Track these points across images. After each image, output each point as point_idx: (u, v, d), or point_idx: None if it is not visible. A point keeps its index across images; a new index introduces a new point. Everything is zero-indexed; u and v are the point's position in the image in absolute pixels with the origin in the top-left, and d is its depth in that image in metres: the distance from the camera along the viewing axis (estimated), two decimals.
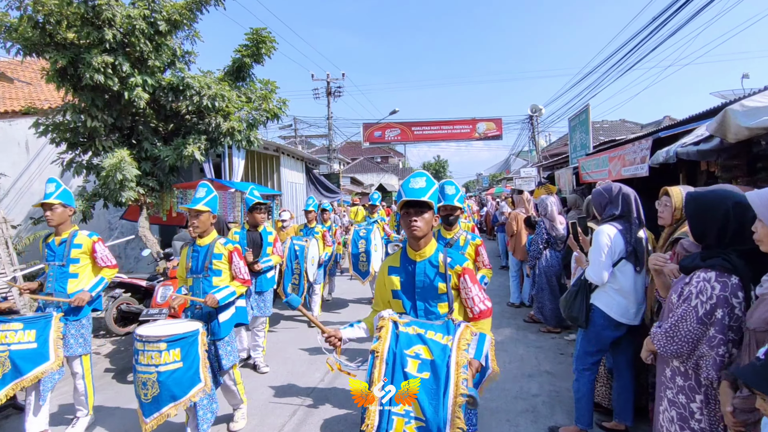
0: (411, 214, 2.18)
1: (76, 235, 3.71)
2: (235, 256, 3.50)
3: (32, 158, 10.25)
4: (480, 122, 21.25)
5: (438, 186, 2.90)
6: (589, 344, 3.08)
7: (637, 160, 5.05)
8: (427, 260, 2.27)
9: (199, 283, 3.42)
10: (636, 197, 3.05)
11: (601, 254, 2.95)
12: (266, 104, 8.15)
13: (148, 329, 2.94)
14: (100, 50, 6.35)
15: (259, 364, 4.90)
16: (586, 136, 10.28)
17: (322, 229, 6.82)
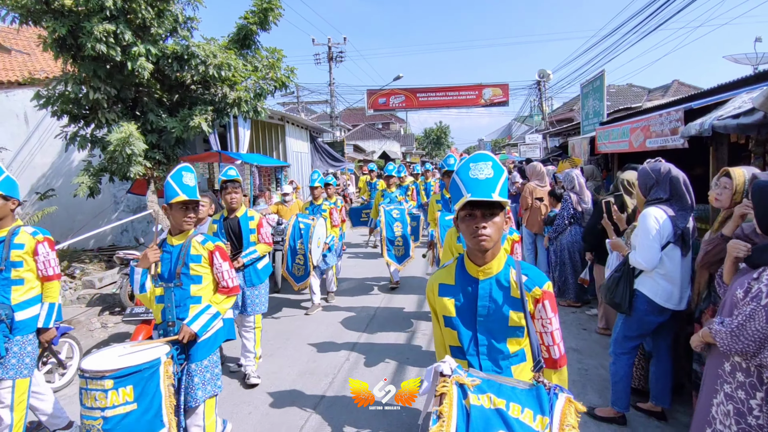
0: (477, 218, 1.53)
1: (17, 233, 2.95)
2: (216, 256, 2.75)
3: (32, 130, 9.98)
4: (486, 88, 20.74)
5: None
6: (630, 329, 3.01)
7: (666, 132, 4.87)
8: (494, 278, 1.64)
9: (170, 295, 2.66)
10: (686, 180, 2.89)
11: (649, 238, 2.82)
12: (273, 73, 7.88)
13: (97, 361, 2.23)
14: (100, 18, 6.03)
15: (249, 374, 3.99)
16: (600, 104, 10.01)
17: (330, 207, 6.21)
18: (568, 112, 20.95)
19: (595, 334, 4.73)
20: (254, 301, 4.11)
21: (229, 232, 4.09)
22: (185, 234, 2.74)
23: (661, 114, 5.22)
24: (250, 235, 4.09)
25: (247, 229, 4.09)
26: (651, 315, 2.91)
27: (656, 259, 2.82)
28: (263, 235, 4.16)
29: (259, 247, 4.12)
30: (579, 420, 1.42)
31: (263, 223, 4.16)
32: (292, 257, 5.54)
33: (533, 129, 23.91)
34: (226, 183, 3.99)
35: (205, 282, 2.75)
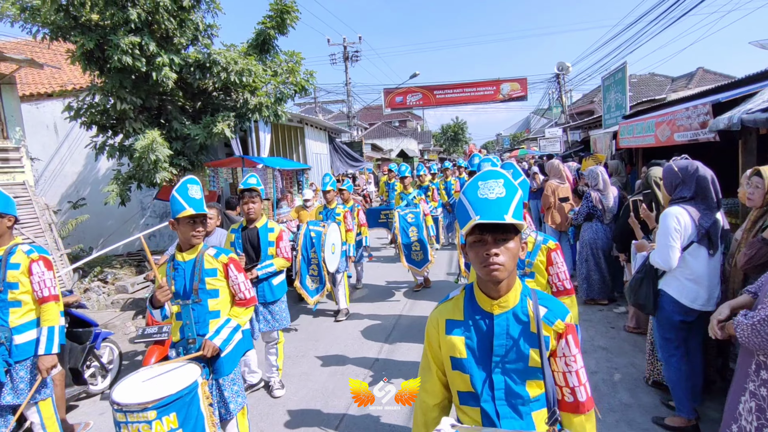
0: (487, 244, 1.33)
1: (14, 252, 2.84)
2: (231, 269, 2.71)
3: (62, 141, 10.33)
4: (504, 83, 20.51)
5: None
6: (664, 330, 2.97)
7: (695, 125, 4.77)
8: (511, 312, 1.42)
9: (188, 312, 2.63)
10: (713, 179, 2.83)
11: (668, 238, 2.79)
12: (293, 77, 7.97)
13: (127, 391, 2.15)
14: (125, 31, 6.21)
15: (273, 385, 3.97)
16: (622, 96, 9.82)
17: (344, 210, 5.91)
18: (588, 104, 20.57)
19: (623, 332, 4.68)
20: (273, 317, 3.93)
21: (247, 243, 3.87)
22: (196, 248, 2.66)
23: (687, 108, 5.12)
24: (268, 248, 3.85)
25: (266, 241, 3.85)
26: (677, 315, 2.86)
27: (674, 260, 2.78)
28: (282, 249, 3.89)
29: (277, 261, 3.85)
30: None
31: (283, 237, 3.91)
32: (307, 268, 5.20)
33: (553, 122, 23.57)
34: (243, 192, 3.84)
35: (222, 295, 2.70)
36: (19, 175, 6.81)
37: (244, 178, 3.90)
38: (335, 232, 5.49)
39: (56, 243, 6.72)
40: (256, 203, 3.84)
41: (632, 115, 8.48)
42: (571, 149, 14.19)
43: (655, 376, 3.52)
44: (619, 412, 3.28)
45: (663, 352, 3.01)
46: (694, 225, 2.78)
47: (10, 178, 6.69)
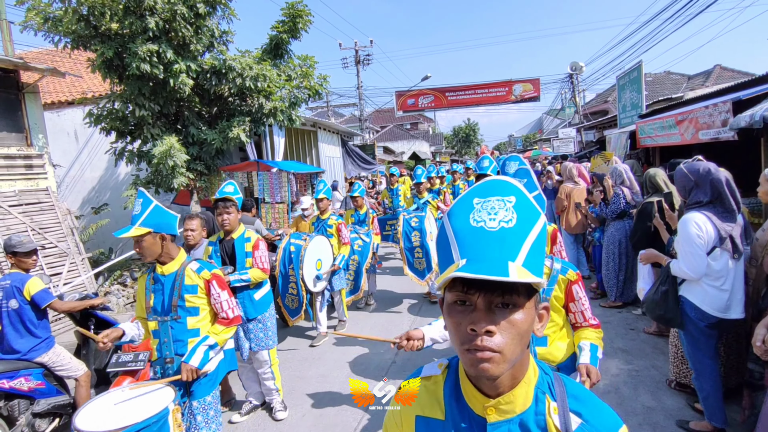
0: (476, 311, 0.79)
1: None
2: (214, 286, 2.56)
3: (82, 147, 10.55)
4: (516, 84, 20.44)
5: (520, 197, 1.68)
6: (692, 338, 2.87)
7: (717, 123, 4.70)
8: (518, 421, 0.86)
9: (167, 329, 2.50)
10: (728, 181, 2.74)
11: (692, 246, 2.69)
12: (307, 82, 8.04)
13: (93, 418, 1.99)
14: (143, 39, 6.34)
15: (275, 407, 3.69)
16: (638, 96, 9.73)
17: (338, 222, 5.23)
18: (602, 104, 20.38)
19: (643, 334, 4.62)
20: (258, 336, 3.59)
21: (224, 255, 3.60)
22: (177, 261, 2.54)
23: (707, 106, 5.06)
24: (245, 259, 3.57)
25: (243, 252, 3.57)
26: (702, 321, 2.79)
27: (703, 267, 2.68)
28: (258, 259, 3.57)
29: (253, 272, 3.50)
30: None
31: (260, 246, 3.60)
32: (284, 286, 4.81)
33: (566, 122, 23.39)
34: (217, 202, 3.53)
35: (203, 313, 2.57)
36: (42, 181, 6.98)
37: (222, 186, 3.61)
38: (320, 246, 4.94)
39: (78, 247, 6.86)
40: (231, 213, 3.53)
41: (648, 114, 8.39)
42: (586, 149, 14.07)
43: (681, 379, 3.46)
44: (641, 415, 3.24)
45: (694, 362, 2.90)
46: (716, 230, 2.69)
47: (34, 184, 6.86)
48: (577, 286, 1.97)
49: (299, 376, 4.34)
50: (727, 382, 3.25)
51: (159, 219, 2.46)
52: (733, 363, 3.29)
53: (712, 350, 2.83)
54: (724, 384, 3.21)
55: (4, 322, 3.29)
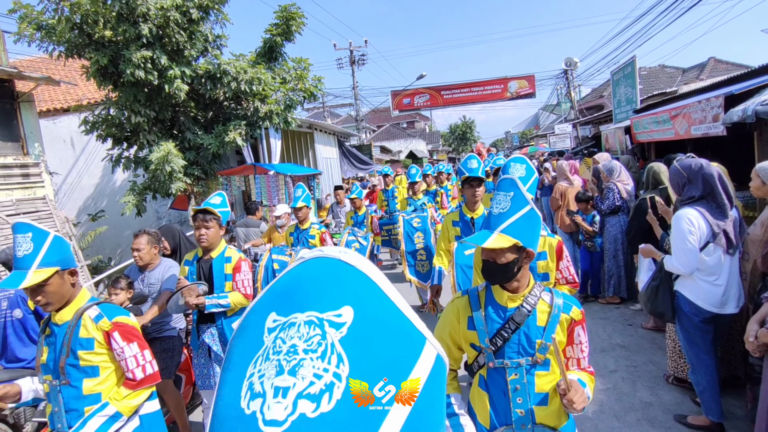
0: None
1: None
2: (116, 339, 2.01)
3: (78, 154, 10.55)
4: (512, 81, 20.44)
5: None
6: (688, 333, 2.89)
7: (708, 119, 4.73)
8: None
9: (55, 394, 2.00)
10: (721, 175, 2.77)
11: (684, 241, 2.71)
12: (302, 84, 8.06)
13: None
14: (137, 45, 6.35)
15: None
16: (633, 91, 9.73)
17: (320, 231, 4.75)
18: (597, 99, 20.39)
19: (641, 330, 4.65)
20: None
21: (201, 277, 3.15)
22: (74, 305, 2.03)
23: (700, 101, 5.08)
24: (224, 283, 3.11)
25: (221, 275, 3.11)
26: (697, 316, 2.82)
27: (694, 263, 2.71)
28: (240, 282, 3.10)
29: (234, 296, 3.04)
30: None
31: (242, 267, 3.14)
32: None
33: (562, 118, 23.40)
34: (196, 214, 3.10)
35: (105, 373, 2.04)
36: (39, 189, 6.98)
37: (210, 197, 3.25)
38: None
39: (77, 255, 6.86)
40: (210, 228, 3.05)
41: (643, 109, 8.41)
42: (582, 145, 14.10)
43: (678, 373, 3.49)
44: (640, 410, 3.27)
45: (690, 357, 2.92)
46: (708, 225, 2.72)
47: (31, 193, 6.86)
48: (580, 327, 1.67)
49: None
50: (720, 374, 3.29)
51: (62, 252, 1.98)
52: (726, 355, 3.32)
53: (708, 345, 2.85)
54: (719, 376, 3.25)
55: (9, 331, 3.32)
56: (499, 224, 1.48)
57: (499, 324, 1.60)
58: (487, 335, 1.61)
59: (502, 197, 1.51)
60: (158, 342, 3.36)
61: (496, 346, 1.60)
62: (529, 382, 1.60)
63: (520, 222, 1.47)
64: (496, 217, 1.50)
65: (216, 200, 3.19)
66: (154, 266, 3.45)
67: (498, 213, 1.50)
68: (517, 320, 1.58)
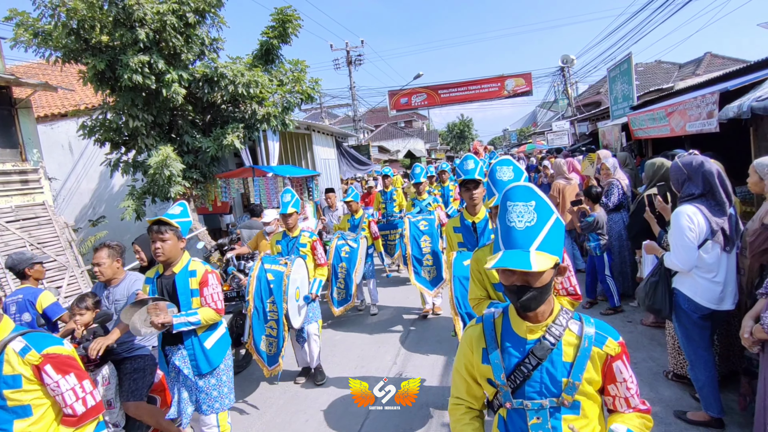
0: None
1: None
2: (48, 372, 1.80)
3: (77, 159, 10.56)
4: (509, 79, 20.48)
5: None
6: (686, 330, 2.92)
7: (703, 115, 4.75)
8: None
9: None
10: (720, 173, 2.80)
11: (683, 238, 2.74)
12: (299, 86, 8.07)
13: None
14: (134, 50, 6.36)
15: None
16: (629, 87, 9.77)
17: (311, 239, 4.40)
18: (594, 96, 20.45)
19: (640, 326, 4.67)
20: (210, 395, 2.90)
21: (163, 295, 2.87)
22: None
23: (695, 97, 5.10)
24: (190, 299, 2.84)
25: (186, 291, 2.84)
26: (695, 312, 2.84)
27: (693, 260, 2.73)
28: (209, 297, 2.86)
29: (204, 312, 2.80)
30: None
31: (209, 280, 2.87)
32: (261, 326, 3.80)
33: (559, 115, 23.46)
34: (150, 227, 2.80)
35: (38, 412, 1.82)
36: (38, 195, 6.99)
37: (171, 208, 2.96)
38: (300, 271, 4.04)
39: (77, 260, 6.88)
40: (167, 241, 2.76)
41: (640, 106, 8.44)
42: (580, 142, 14.13)
43: (678, 369, 3.51)
44: None
45: (689, 353, 2.94)
46: (707, 222, 2.74)
47: (30, 199, 6.87)
48: (621, 363, 1.39)
49: (302, 382, 4.39)
50: (719, 370, 3.31)
51: None
52: (725, 351, 3.35)
53: (706, 341, 2.87)
54: (718, 372, 3.27)
55: None
56: (531, 240, 1.26)
57: (518, 358, 1.38)
58: (503, 371, 1.39)
59: (523, 208, 1.29)
60: (128, 362, 3.17)
61: (515, 384, 1.38)
62: (554, 427, 1.36)
63: (552, 235, 1.28)
64: (523, 233, 1.27)
65: (175, 210, 2.92)
66: (119, 281, 3.25)
67: (525, 227, 1.27)
68: (538, 355, 1.35)
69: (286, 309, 3.72)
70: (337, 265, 5.35)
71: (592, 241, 5.22)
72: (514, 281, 1.30)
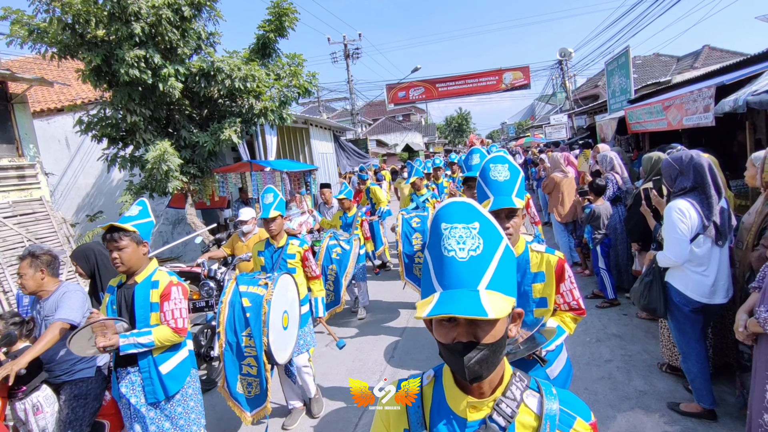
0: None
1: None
2: None
3: (73, 154, 10.53)
4: (506, 72, 20.43)
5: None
6: (678, 323, 2.95)
7: (700, 109, 4.77)
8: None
9: None
10: (711, 166, 2.81)
11: (676, 232, 2.77)
12: (296, 80, 8.05)
13: None
14: (130, 45, 6.32)
15: None
16: (627, 81, 9.77)
17: (301, 249, 3.69)
18: (592, 89, 20.41)
19: (636, 319, 4.71)
20: (174, 424, 2.57)
21: (122, 307, 2.55)
22: None
23: (692, 91, 5.11)
24: (149, 314, 2.49)
25: (145, 304, 2.49)
26: (687, 306, 2.87)
27: (686, 253, 2.75)
28: (168, 314, 2.49)
29: (159, 332, 2.43)
30: None
31: (171, 294, 2.51)
32: (235, 364, 3.04)
33: (557, 108, 23.41)
34: (104, 235, 2.48)
35: None
36: (35, 191, 6.98)
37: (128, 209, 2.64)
38: (286, 291, 3.31)
39: None
40: (124, 249, 2.45)
41: (637, 100, 8.45)
42: (578, 135, 14.13)
43: (672, 362, 3.55)
44: (634, 399, 3.33)
45: (681, 345, 2.98)
46: (699, 216, 2.76)
47: (28, 195, 6.86)
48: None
49: None
50: (713, 362, 3.36)
51: None
52: (719, 344, 3.39)
53: (698, 333, 2.91)
54: (711, 364, 3.31)
55: None
56: (479, 275, 0.89)
57: None
58: None
59: (464, 231, 0.92)
60: (68, 386, 2.77)
61: None
62: None
63: (504, 267, 0.93)
64: (467, 265, 0.89)
65: (133, 211, 2.60)
66: (49, 293, 2.84)
67: (469, 257, 0.89)
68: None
69: (266, 343, 2.93)
70: (327, 266, 5.10)
71: (587, 233, 5.25)
72: (456, 337, 0.89)
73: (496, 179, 1.91)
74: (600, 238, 5.08)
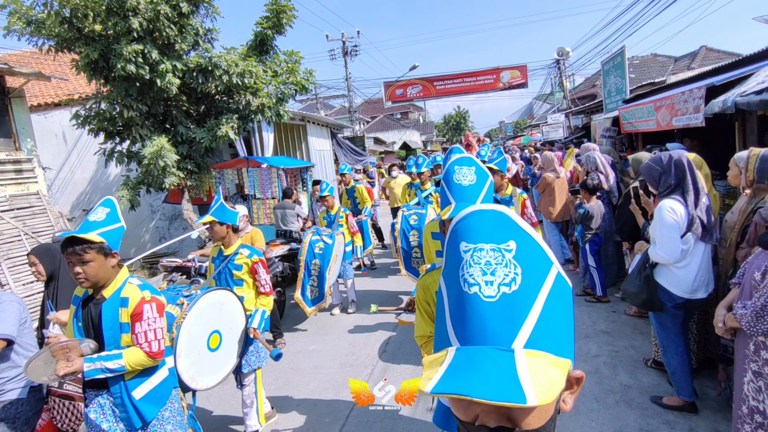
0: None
1: None
2: None
3: (71, 148, 10.54)
4: (504, 71, 20.49)
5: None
6: (660, 317, 3.04)
7: (690, 110, 4.83)
8: None
9: None
10: (689, 163, 2.90)
11: (668, 230, 2.83)
12: (293, 77, 8.09)
13: None
14: (128, 40, 6.35)
15: None
16: (622, 81, 9.83)
17: (250, 260, 3.37)
18: (590, 88, 20.48)
19: (624, 316, 4.79)
20: None
21: (88, 324, 2.19)
22: None
23: (683, 92, 5.18)
24: (119, 335, 2.15)
25: (114, 324, 2.15)
26: (669, 302, 2.94)
27: (678, 251, 2.81)
28: (141, 336, 2.14)
29: (130, 354, 2.12)
30: None
31: (144, 313, 2.15)
32: None
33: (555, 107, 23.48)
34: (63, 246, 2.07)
35: None
36: (32, 185, 7.01)
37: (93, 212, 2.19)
38: (220, 308, 2.99)
39: None
40: (88, 262, 2.07)
41: (632, 100, 8.52)
42: (574, 135, 14.21)
43: (658, 357, 3.61)
44: (619, 393, 3.41)
45: (662, 339, 3.07)
46: (687, 213, 2.84)
47: (25, 189, 6.89)
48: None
49: (293, 368, 4.48)
50: (696, 357, 3.44)
51: None
52: (702, 339, 3.47)
53: (678, 328, 2.99)
54: (695, 359, 3.39)
55: None
56: (515, 326, 0.62)
57: None
58: None
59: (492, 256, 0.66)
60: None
61: None
62: None
63: (553, 311, 0.65)
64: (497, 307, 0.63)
65: (99, 215, 2.17)
66: None
67: (500, 295, 0.63)
68: None
69: (179, 372, 2.57)
70: (310, 261, 5.21)
71: (577, 232, 5.32)
72: (481, 418, 0.63)
73: (459, 183, 1.72)
74: (590, 237, 5.15)
